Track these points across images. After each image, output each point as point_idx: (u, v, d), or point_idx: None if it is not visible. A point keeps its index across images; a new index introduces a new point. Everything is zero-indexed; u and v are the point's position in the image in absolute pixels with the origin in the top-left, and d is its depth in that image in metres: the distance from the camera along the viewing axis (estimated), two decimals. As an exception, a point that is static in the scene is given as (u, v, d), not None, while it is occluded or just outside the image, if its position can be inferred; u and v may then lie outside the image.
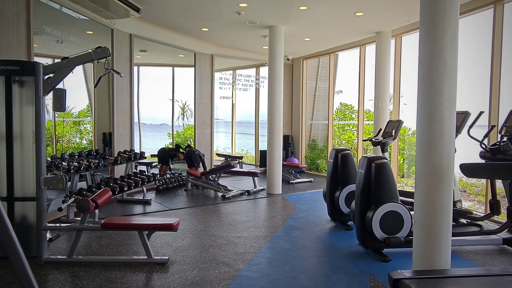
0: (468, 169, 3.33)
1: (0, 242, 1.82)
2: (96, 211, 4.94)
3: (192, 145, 9.43)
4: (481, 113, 4.50)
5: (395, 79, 8.05)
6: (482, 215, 4.91)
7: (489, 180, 4.97)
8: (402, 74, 8.04)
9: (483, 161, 4.15)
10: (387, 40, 7.84)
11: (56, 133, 6.95)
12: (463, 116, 4.57)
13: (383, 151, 6.17)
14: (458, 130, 4.47)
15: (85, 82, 7.52)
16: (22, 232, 3.87)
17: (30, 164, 3.89)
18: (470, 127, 4.40)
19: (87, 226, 4.03)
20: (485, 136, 4.22)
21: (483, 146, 4.14)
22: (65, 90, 4.00)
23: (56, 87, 3.98)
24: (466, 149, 5.06)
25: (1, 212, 2.05)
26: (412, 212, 3.81)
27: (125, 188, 5.76)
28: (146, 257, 3.94)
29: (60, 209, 4.67)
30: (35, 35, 5.17)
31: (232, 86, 10.72)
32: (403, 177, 9.09)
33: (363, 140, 8.34)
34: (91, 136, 7.64)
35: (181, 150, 9.22)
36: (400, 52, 8.03)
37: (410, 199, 5.29)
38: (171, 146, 10.03)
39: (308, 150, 11.28)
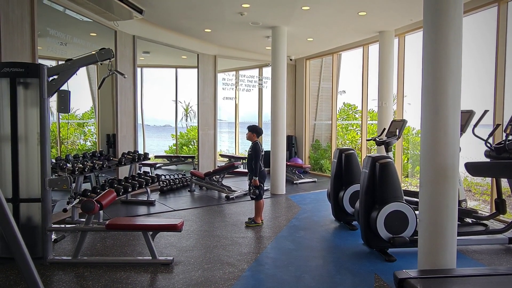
0: (474, 168, 3.31)
1: (6, 243, 1.83)
2: (101, 212, 4.95)
3: (196, 147, 9.43)
4: (485, 112, 4.47)
5: (399, 78, 8.03)
6: (488, 214, 4.88)
7: (494, 179, 4.93)
8: (406, 73, 8.02)
9: (488, 160, 4.13)
10: (390, 40, 7.81)
11: (61, 135, 6.98)
12: (467, 115, 4.54)
13: (387, 150, 6.15)
14: (463, 129, 4.44)
15: (89, 84, 7.55)
16: (27, 233, 3.88)
17: (35, 166, 3.91)
18: (475, 126, 4.37)
19: (91, 227, 4.05)
20: (490, 135, 4.19)
21: (488, 145, 4.11)
22: (69, 91, 4.02)
23: (61, 88, 4.00)
24: (471, 148, 5.04)
25: (7, 213, 2.06)
26: (417, 212, 3.80)
27: (129, 189, 5.77)
28: (150, 257, 3.94)
29: (65, 210, 4.69)
30: (39, 38, 5.20)
31: (235, 87, 10.73)
32: (407, 176, 9.05)
33: (367, 140, 8.32)
34: (95, 138, 7.67)
35: None
36: (404, 51, 8.00)
37: (415, 199, 5.27)
38: None
39: (311, 150, 11.27)
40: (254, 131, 5.53)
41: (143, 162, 7.32)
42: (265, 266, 3.92)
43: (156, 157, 11.10)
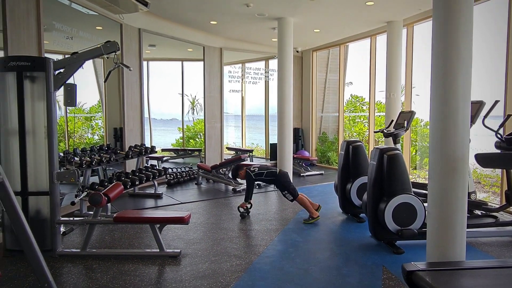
0: (484, 160, 3.26)
1: (15, 236, 1.84)
2: (109, 205, 4.99)
3: (202, 140, 9.40)
4: (496, 102, 4.39)
5: (407, 69, 7.92)
6: (498, 206, 4.82)
7: (504, 170, 4.86)
8: (414, 64, 7.91)
9: (499, 151, 4.06)
10: (398, 30, 7.70)
11: (68, 129, 7.03)
12: (477, 106, 4.46)
13: (395, 142, 6.09)
14: (473, 120, 4.37)
15: (96, 78, 7.58)
16: (36, 226, 3.92)
17: (43, 159, 3.94)
18: (485, 116, 4.30)
19: (99, 219, 4.08)
20: (500, 126, 4.12)
21: (499, 136, 4.05)
22: (76, 85, 4.02)
23: (67, 82, 4.00)
24: (481, 140, 4.97)
25: (16, 207, 2.09)
26: (425, 204, 3.76)
27: (137, 182, 5.80)
28: (158, 250, 3.97)
29: (73, 203, 4.74)
30: (45, 32, 5.20)
31: (242, 80, 10.68)
32: (415, 169, 8.98)
33: (374, 132, 8.24)
34: (103, 131, 7.71)
35: None
36: (412, 41, 7.89)
37: (423, 191, 5.23)
38: None
39: (318, 143, 11.22)
40: (235, 171, 5.69)
41: (150, 155, 7.35)
42: (272, 259, 3.92)
43: (163, 150, 11.15)
